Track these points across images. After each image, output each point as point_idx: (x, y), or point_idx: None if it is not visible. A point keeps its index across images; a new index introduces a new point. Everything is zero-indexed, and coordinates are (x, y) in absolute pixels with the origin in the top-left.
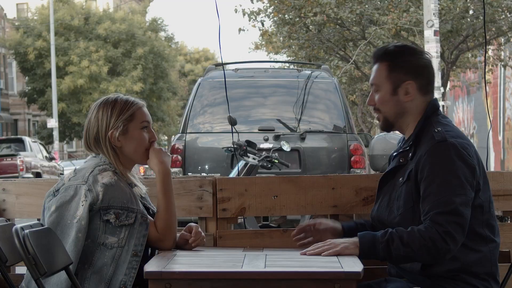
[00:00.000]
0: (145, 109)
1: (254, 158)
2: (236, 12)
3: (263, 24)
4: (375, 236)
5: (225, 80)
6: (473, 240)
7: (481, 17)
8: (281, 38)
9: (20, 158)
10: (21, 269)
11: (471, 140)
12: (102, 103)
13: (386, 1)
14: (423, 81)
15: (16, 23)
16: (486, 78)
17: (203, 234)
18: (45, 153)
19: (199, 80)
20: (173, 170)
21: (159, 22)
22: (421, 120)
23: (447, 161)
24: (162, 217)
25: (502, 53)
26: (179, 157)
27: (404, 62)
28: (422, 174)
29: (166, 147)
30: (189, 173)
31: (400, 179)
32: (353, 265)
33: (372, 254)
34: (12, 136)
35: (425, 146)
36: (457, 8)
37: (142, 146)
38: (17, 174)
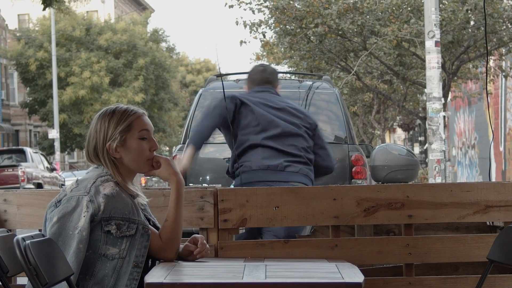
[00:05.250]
0: (145, 118)
1: None
2: (237, 24)
3: (264, 36)
4: None
5: (223, 91)
6: None
7: (482, 28)
8: (282, 49)
9: (21, 169)
10: (22, 280)
11: (472, 151)
12: (101, 114)
13: (387, 12)
14: None
15: (18, 34)
16: (487, 89)
17: (207, 246)
18: (46, 164)
19: (201, 90)
20: None
21: (160, 33)
22: None
23: None
24: (170, 226)
25: (504, 63)
26: None
27: None
28: None
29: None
30: (190, 184)
31: None
32: (354, 276)
33: None
34: (13, 147)
35: None
36: (458, 19)
37: (141, 156)
38: (18, 185)
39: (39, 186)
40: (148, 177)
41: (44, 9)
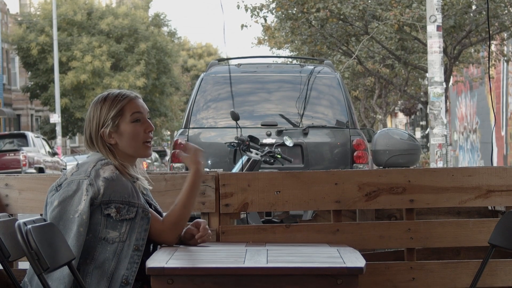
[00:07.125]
0: (137, 101)
1: (257, 153)
2: (238, 8)
3: (265, 20)
4: None
5: (230, 75)
6: None
7: (484, 12)
8: (283, 34)
9: (23, 153)
10: (24, 264)
11: (473, 136)
12: (94, 101)
13: None
14: None
15: (19, 18)
16: (490, 73)
17: (209, 231)
18: (48, 148)
19: (202, 75)
20: (176, 165)
21: (161, 17)
22: None
23: None
24: (177, 211)
25: (505, 48)
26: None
27: None
28: None
29: (169, 142)
30: None
31: None
32: (356, 260)
33: None
34: (15, 131)
35: None
36: (460, 3)
37: (136, 140)
38: (20, 169)
39: (40, 170)
40: (150, 161)
41: None
